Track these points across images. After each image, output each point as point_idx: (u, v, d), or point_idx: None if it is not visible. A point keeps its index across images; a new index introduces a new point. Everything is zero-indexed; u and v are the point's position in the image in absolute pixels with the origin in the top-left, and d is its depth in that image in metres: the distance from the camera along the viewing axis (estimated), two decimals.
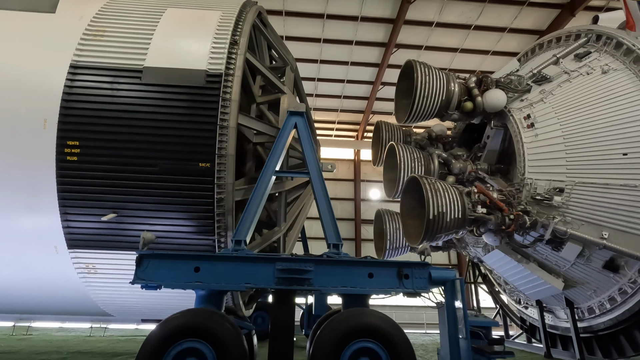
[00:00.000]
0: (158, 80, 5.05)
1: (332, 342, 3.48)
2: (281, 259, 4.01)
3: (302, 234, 10.94)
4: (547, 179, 6.79)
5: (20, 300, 5.69)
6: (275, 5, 14.20)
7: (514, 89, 7.64)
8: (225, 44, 5.35)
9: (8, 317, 7.41)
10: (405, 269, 4.07)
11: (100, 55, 5.15)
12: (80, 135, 4.85)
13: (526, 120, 7.25)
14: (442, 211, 6.41)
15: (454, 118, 7.94)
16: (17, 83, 4.90)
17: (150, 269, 3.89)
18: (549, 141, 6.88)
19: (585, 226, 6.49)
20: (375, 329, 3.55)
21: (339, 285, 3.97)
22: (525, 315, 9.34)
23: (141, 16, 5.59)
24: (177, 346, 3.41)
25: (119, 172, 4.91)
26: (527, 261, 7.42)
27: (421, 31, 15.11)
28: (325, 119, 22.01)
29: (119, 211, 5.03)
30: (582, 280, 6.96)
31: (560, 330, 8.11)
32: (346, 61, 17.27)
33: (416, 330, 15.72)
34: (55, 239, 5.09)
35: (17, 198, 4.94)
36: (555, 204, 6.61)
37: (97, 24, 5.40)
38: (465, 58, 16.24)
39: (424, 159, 8.48)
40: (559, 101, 7.09)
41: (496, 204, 6.73)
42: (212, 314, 3.56)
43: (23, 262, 5.26)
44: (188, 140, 4.95)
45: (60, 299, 5.78)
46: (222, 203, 4.98)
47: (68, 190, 4.90)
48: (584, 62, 7.30)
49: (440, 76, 7.59)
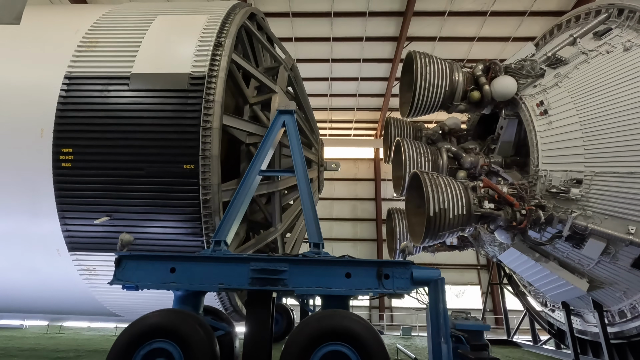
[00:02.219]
0: (145, 85, 5.17)
1: (301, 344, 3.34)
2: (255, 258, 3.93)
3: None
4: (564, 170, 6.22)
5: (32, 301, 6.03)
6: (281, 7, 14.27)
7: (526, 74, 7.10)
8: (210, 46, 5.38)
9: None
10: (385, 269, 3.84)
11: (93, 65, 5.36)
12: (74, 143, 5.06)
13: (539, 107, 6.70)
14: (443, 207, 6.06)
15: (460, 109, 7.52)
16: (17, 94, 5.22)
17: (127, 270, 3.96)
18: (565, 128, 6.31)
19: (609, 220, 5.86)
20: (346, 332, 3.36)
21: (314, 285, 3.82)
22: (552, 318, 8.62)
23: (132, 25, 5.77)
24: (146, 346, 3.42)
25: (110, 177, 5.07)
26: (547, 260, 6.83)
27: (433, 22, 14.50)
28: (343, 118, 21.77)
29: (112, 214, 5.18)
30: (609, 281, 6.29)
31: (590, 335, 7.39)
32: (358, 58, 17.01)
33: None
34: (57, 242, 5.34)
35: (21, 204, 5.24)
36: (573, 197, 6.03)
37: (91, 36, 5.63)
38: (483, 47, 15.33)
39: (431, 154, 8.11)
40: (576, 84, 6.48)
41: (505, 198, 6.26)
42: (181, 314, 3.55)
43: (31, 265, 5.57)
44: (173, 143, 5.02)
45: (68, 299, 6.05)
46: (208, 204, 4.99)
47: (65, 196, 5.12)
48: (604, 40, 6.63)
49: (442, 66, 7.21)
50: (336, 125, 22.58)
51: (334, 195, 21.96)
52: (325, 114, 21.38)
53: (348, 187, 22.18)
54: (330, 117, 21.76)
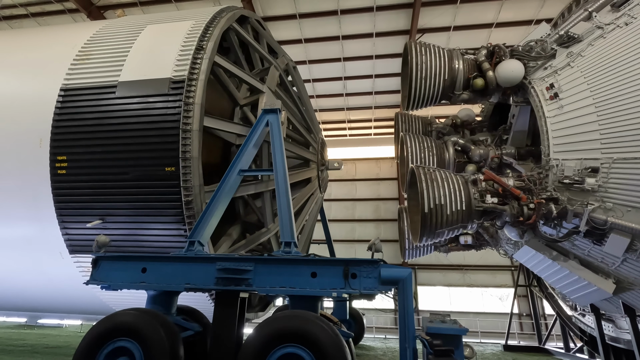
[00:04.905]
0: (130, 92, 5.35)
1: (256, 346, 3.23)
2: (221, 258, 3.88)
3: (327, 236, 10.64)
4: (577, 158, 5.61)
5: (43, 302, 6.44)
6: (288, 9, 14.33)
7: (535, 56, 6.51)
8: (191, 50, 5.46)
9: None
10: (352, 268, 3.63)
11: (85, 76, 5.65)
12: (67, 151, 5.35)
13: (548, 90, 6.11)
14: (439, 203, 5.68)
15: (463, 99, 7.06)
16: (19, 106, 5.64)
17: (103, 270, 4.07)
18: (577, 112, 5.69)
19: (633, 212, 5.18)
20: (304, 334, 3.20)
21: (277, 285, 3.69)
22: (583, 324, 7.79)
23: (122, 36, 6.02)
24: (110, 344, 3.48)
25: (100, 182, 5.29)
26: (565, 259, 6.19)
27: (445, 10, 13.76)
28: (361, 117, 21.34)
29: (104, 217, 5.40)
30: (639, 281, 5.55)
31: (624, 343, 6.57)
32: (370, 55, 16.59)
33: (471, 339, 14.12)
34: (59, 246, 5.65)
35: (26, 211, 5.61)
36: (589, 188, 5.41)
37: (85, 49, 5.95)
38: (504, 32, 14.20)
39: (436, 148, 7.68)
40: (590, 63, 5.83)
41: (511, 191, 5.75)
42: (145, 314, 3.57)
43: (39, 268, 5.94)
44: (155, 147, 5.13)
45: (75, 299, 6.38)
46: (190, 205, 5.04)
47: (62, 201, 5.41)
48: (622, 11, 5.91)
49: (440, 55, 6.82)
50: (355, 125, 22.17)
51: (356, 196, 21.57)
52: (343, 114, 21.09)
53: (370, 187, 21.69)
54: (348, 116, 21.43)
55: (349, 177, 21.88)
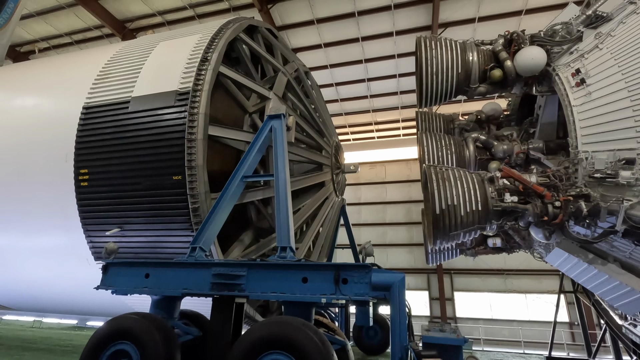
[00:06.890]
0: (141, 106, 5.65)
1: (242, 353, 3.21)
2: (216, 264, 3.93)
3: (351, 241, 10.46)
4: (609, 149, 5.05)
5: (78, 306, 6.94)
6: (305, 16, 14.39)
7: (559, 41, 5.99)
8: (196, 63, 5.66)
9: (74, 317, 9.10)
10: (343, 273, 3.50)
11: (104, 94, 6.05)
12: (88, 164, 5.75)
13: (574, 76, 5.57)
14: (452, 204, 5.35)
15: (480, 92, 6.65)
16: (48, 124, 6.18)
17: (111, 276, 4.29)
18: (608, 98, 5.13)
19: None
20: (289, 341, 3.13)
21: (269, 291, 3.65)
22: (634, 335, 6.93)
23: (137, 54, 6.38)
24: (111, 347, 3.64)
25: (117, 192, 5.62)
26: (604, 262, 5.56)
27: (467, 2, 12.98)
28: (388, 119, 20.83)
29: (122, 226, 5.72)
30: None
31: None
32: (392, 54, 16.14)
33: (514, 349, 13.07)
34: (86, 253, 6.07)
35: (57, 221, 6.10)
36: (624, 182, 4.84)
37: (106, 68, 6.38)
38: (536, 19, 13.09)
39: (455, 146, 7.28)
40: (621, 42, 5.25)
41: (533, 189, 5.28)
42: (144, 318, 3.70)
43: (71, 274, 6.41)
44: (163, 157, 5.36)
45: (105, 303, 6.79)
46: (197, 212, 5.18)
47: (85, 212, 5.82)
48: None
49: (452, 47, 6.49)
50: (382, 127, 21.73)
51: (387, 199, 21.06)
52: (369, 116, 20.76)
53: (401, 189, 21.08)
54: (375, 118, 21.07)
55: (379, 180, 21.48)
